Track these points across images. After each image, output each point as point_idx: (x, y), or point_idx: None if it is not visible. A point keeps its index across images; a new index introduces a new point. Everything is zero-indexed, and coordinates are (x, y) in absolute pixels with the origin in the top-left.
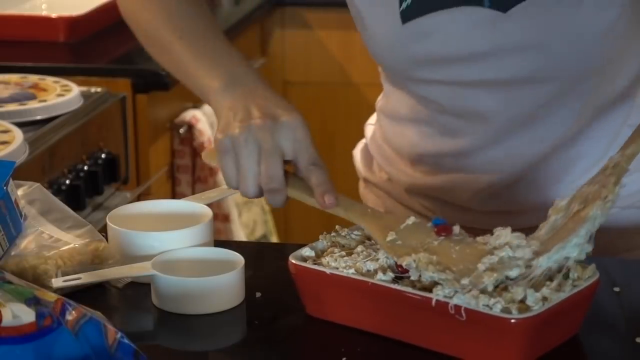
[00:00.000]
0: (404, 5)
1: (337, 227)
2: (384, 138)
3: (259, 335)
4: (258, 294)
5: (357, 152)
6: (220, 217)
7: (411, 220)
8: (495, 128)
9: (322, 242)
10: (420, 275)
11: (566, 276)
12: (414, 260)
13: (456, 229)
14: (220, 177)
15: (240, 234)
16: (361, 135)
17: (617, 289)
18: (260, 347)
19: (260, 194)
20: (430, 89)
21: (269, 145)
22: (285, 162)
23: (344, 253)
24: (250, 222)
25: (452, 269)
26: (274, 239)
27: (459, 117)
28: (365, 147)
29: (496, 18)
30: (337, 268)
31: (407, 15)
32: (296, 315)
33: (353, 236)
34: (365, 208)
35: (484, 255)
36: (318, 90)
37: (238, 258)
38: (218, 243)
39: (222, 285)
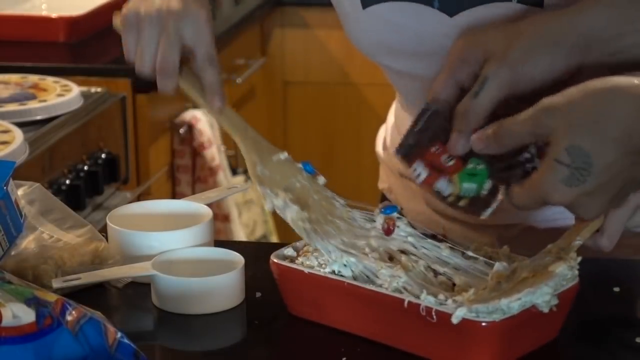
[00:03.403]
0: None
1: None
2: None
3: (259, 335)
4: (258, 294)
5: (381, 131)
6: (220, 217)
7: (283, 155)
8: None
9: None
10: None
11: None
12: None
13: (321, 179)
14: (220, 177)
15: (240, 234)
16: (360, 135)
17: (617, 289)
18: (260, 347)
19: (154, 73)
20: (402, 81)
21: (170, 29)
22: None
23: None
24: (250, 222)
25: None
26: (274, 239)
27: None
28: (384, 127)
29: (443, 21)
30: (313, 267)
31: (366, 1)
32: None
33: None
34: (248, 128)
35: (334, 213)
36: (318, 90)
37: (238, 258)
38: (218, 243)
39: (222, 285)
